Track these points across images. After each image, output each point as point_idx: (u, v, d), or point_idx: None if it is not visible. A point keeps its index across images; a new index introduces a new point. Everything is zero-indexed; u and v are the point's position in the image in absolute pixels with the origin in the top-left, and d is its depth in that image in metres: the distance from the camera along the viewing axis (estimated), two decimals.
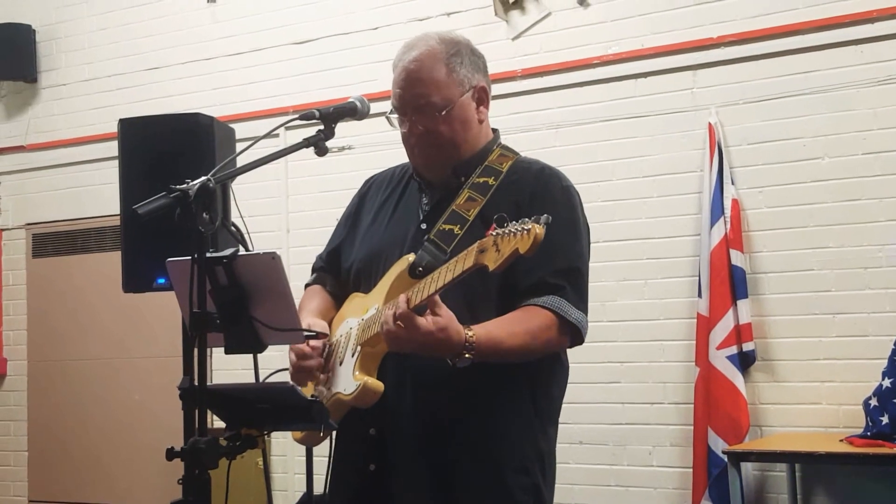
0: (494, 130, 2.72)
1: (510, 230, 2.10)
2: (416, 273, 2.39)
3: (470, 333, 2.29)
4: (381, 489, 2.52)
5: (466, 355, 2.29)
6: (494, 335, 2.35)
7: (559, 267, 2.47)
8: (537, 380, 2.57)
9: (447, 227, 2.49)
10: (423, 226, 2.58)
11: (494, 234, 2.13)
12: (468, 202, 2.53)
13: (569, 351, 2.65)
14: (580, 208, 2.61)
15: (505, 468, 2.49)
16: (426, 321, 2.24)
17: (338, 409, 2.50)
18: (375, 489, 2.53)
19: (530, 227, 2.07)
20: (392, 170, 2.86)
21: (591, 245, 2.66)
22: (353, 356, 2.48)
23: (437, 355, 2.32)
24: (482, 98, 2.65)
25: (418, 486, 2.48)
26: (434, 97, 2.55)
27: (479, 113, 2.64)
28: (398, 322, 2.27)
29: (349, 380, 2.44)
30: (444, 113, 2.55)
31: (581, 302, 2.49)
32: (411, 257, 2.45)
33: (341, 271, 2.77)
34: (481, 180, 2.57)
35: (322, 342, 2.57)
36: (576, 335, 2.50)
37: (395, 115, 2.64)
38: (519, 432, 2.52)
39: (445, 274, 2.24)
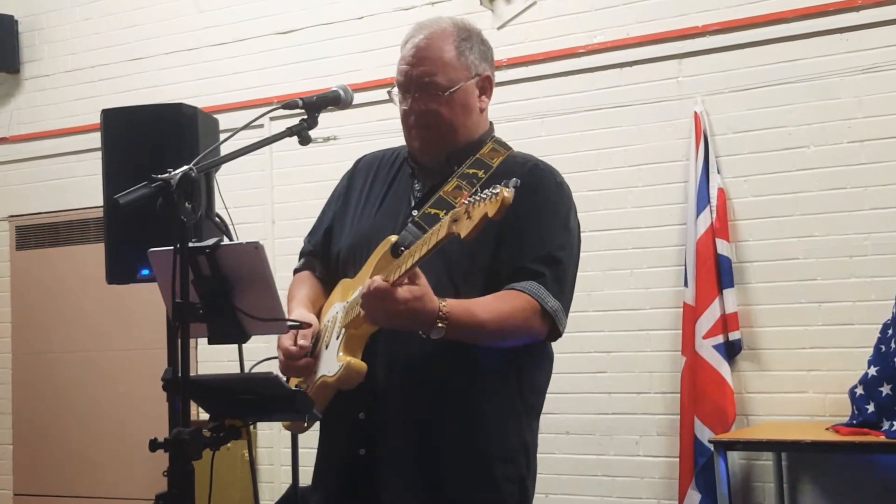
0: (490, 123, 2.72)
1: (480, 196, 2.09)
2: (399, 252, 2.39)
3: (443, 303, 2.29)
4: (371, 473, 2.51)
5: (439, 324, 2.29)
6: (468, 308, 2.35)
7: (541, 255, 2.47)
8: (525, 371, 2.57)
9: (433, 211, 2.49)
10: (415, 212, 2.58)
11: (466, 202, 2.12)
12: (455, 190, 2.52)
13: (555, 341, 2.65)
14: (572, 206, 2.62)
15: (492, 458, 2.49)
16: (403, 290, 2.24)
17: (324, 393, 2.49)
18: (364, 473, 2.53)
19: (499, 190, 2.05)
20: (383, 152, 2.84)
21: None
22: (337, 339, 2.47)
23: (411, 326, 2.32)
24: (485, 87, 2.65)
25: (406, 471, 2.48)
26: (439, 76, 2.55)
27: (480, 101, 2.65)
28: (374, 294, 2.26)
29: (333, 361, 2.44)
30: (447, 94, 2.56)
31: (560, 293, 2.48)
32: (394, 238, 2.45)
33: (331, 255, 2.76)
34: (471, 171, 2.56)
35: (311, 340, 2.55)
36: (552, 327, 2.49)
37: (398, 93, 2.63)
38: (506, 423, 2.53)
39: (421, 247, 2.24)
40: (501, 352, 2.48)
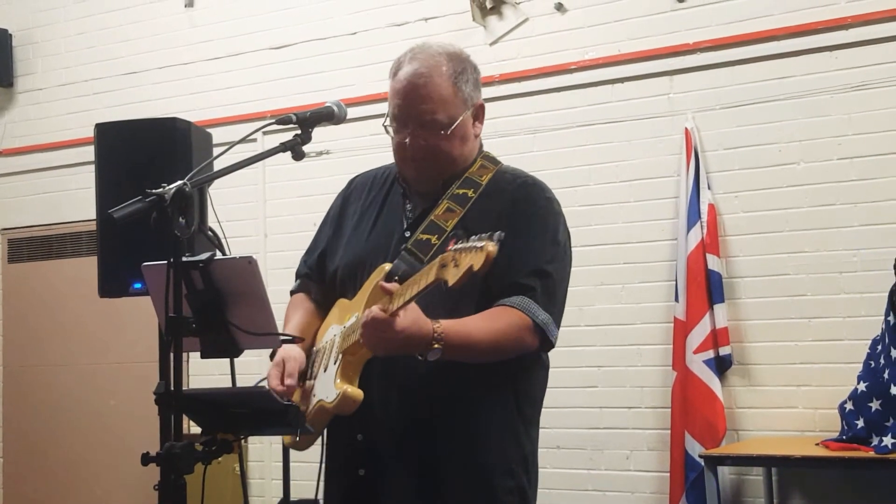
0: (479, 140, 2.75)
1: (467, 246, 2.10)
2: (393, 282, 2.40)
3: (437, 325, 2.32)
4: (370, 493, 2.55)
5: (436, 346, 2.31)
6: (461, 327, 2.38)
7: (531, 269, 2.50)
8: (520, 382, 2.60)
9: (425, 236, 2.51)
10: (407, 233, 2.60)
11: (454, 249, 2.14)
12: (446, 213, 2.55)
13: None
14: (561, 219, 2.64)
15: (490, 471, 2.52)
16: (400, 319, 2.26)
17: (322, 416, 2.51)
18: (365, 493, 2.57)
19: (483, 244, 2.07)
20: (375, 171, 2.86)
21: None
22: (335, 364, 2.49)
23: (409, 351, 2.34)
24: (479, 114, 2.67)
25: (406, 489, 2.51)
26: (440, 114, 2.55)
27: (475, 128, 2.67)
28: (373, 325, 2.29)
29: (331, 387, 2.46)
30: (448, 132, 2.56)
31: (550, 305, 2.51)
32: (388, 266, 2.47)
33: (326, 276, 2.78)
34: (461, 192, 2.58)
35: (298, 377, 2.57)
36: (543, 339, 2.51)
37: (390, 123, 2.63)
38: (503, 435, 2.55)
39: (412, 287, 2.26)
40: (495, 365, 2.50)
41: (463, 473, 2.50)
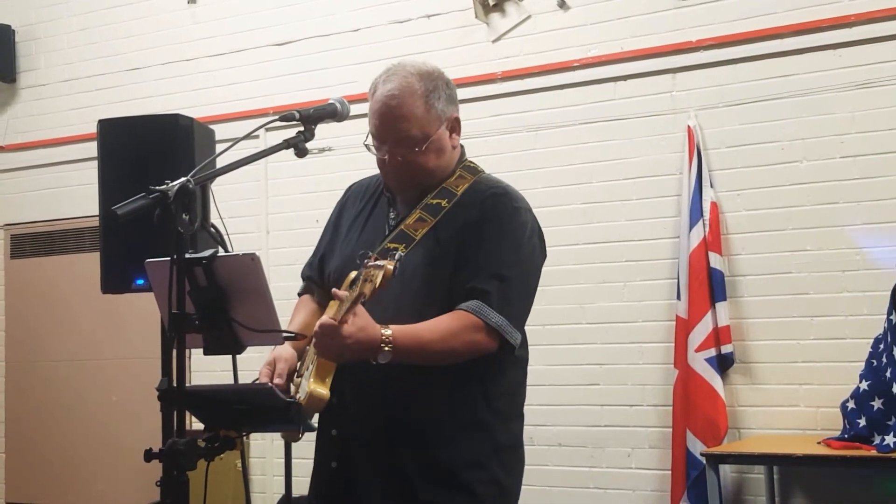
0: (461, 147, 2.81)
1: (376, 264, 2.31)
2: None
3: (386, 329, 2.41)
4: (345, 486, 2.62)
5: (386, 348, 2.40)
6: (410, 331, 2.46)
7: (488, 274, 2.57)
8: (488, 379, 2.65)
9: (392, 245, 2.60)
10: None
11: (371, 265, 2.31)
12: (417, 222, 2.64)
13: (548, 353, 2.70)
14: (527, 228, 2.69)
15: (458, 466, 2.58)
16: (347, 325, 2.36)
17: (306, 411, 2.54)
18: (338, 486, 2.64)
19: (384, 264, 2.29)
20: (370, 179, 2.94)
21: (570, 247, 2.70)
22: (312, 364, 2.53)
23: (360, 356, 2.42)
24: (455, 127, 2.74)
25: (378, 482, 2.57)
26: (414, 131, 2.63)
27: (452, 140, 2.73)
28: (323, 333, 2.38)
29: (304, 387, 2.49)
30: (423, 147, 2.63)
31: (507, 307, 2.56)
32: (352, 275, 2.54)
33: (324, 279, 2.85)
34: (434, 202, 2.67)
35: (286, 376, 2.63)
36: (503, 340, 2.57)
37: (372, 142, 2.71)
38: (470, 432, 2.61)
39: (352, 295, 2.36)
40: (463, 364, 2.56)
41: (430, 469, 2.56)
